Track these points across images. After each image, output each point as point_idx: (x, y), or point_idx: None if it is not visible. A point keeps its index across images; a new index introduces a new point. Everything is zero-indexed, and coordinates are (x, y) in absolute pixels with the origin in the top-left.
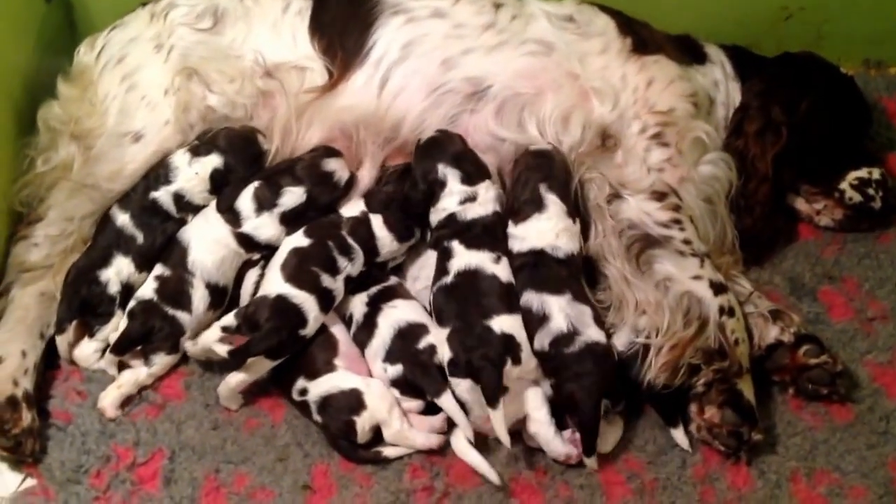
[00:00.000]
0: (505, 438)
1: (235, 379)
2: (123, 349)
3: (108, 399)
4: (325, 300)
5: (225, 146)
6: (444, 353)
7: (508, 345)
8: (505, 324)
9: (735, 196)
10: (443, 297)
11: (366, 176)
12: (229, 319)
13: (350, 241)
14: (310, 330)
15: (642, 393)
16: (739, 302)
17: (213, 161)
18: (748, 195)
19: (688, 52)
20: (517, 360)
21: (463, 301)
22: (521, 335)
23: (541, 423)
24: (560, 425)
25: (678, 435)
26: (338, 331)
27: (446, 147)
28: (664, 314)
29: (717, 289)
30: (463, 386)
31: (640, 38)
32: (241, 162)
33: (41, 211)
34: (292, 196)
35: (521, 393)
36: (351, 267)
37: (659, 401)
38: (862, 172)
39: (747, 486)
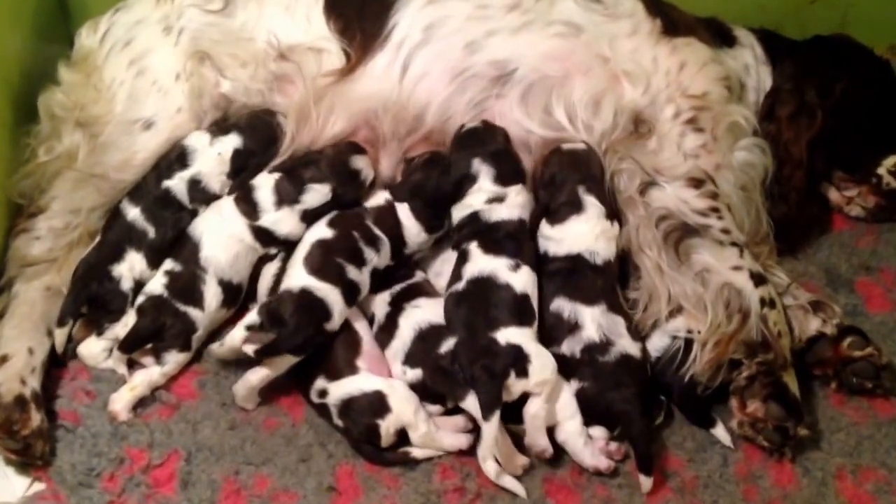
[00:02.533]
0: (490, 455)
1: (257, 376)
2: (132, 347)
3: (121, 402)
4: (351, 293)
5: (244, 126)
6: None
7: (515, 357)
8: (512, 336)
9: (769, 183)
10: (453, 304)
11: (388, 166)
12: (253, 317)
13: (376, 230)
14: (335, 324)
15: (674, 397)
16: (778, 293)
17: (234, 141)
18: (782, 182)
19: (718, 35)
20: (522, 373)
21: (472, 310)
22: (530, 348)
23: (569, 434)
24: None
25: (719, 432)
26: (361, 328)
27: (486, 141)
28: (707, 309)
29: (758, 280)
30: None
31: (670, 20)
32: (259, 143)
33: (43, 203)
34: (317, 194)
35: (554, 400)
36: (377, 258)
37: (689, 405)
38: None
39: (792, 484)
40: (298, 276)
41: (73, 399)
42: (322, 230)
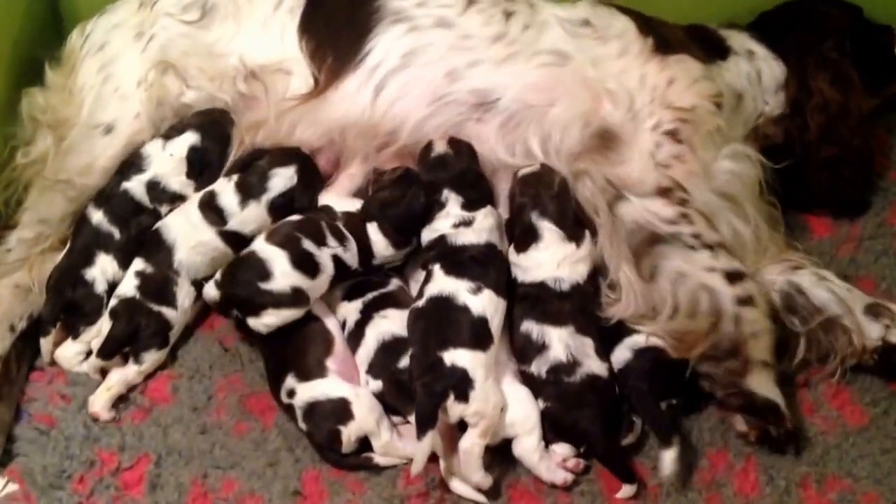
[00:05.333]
0: (417, 470)
1: None
2: (111, 352)
3: (100, 403)
4: (304, 263)
5: (199, 123)
6: None
7: (458, 380)
8: (459, 358)
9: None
10: (413, 319)
11: (356, 180)
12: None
13: (345, 231)
14: (276, 284)
15: (635, 411)
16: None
17: (189, 139)
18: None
19: (711, 47)
20: (462, 397)
21: (428, 327)
22: (477, 374)
23: (525, 449)
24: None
25: (666, 458)
26: (335, 328)
27: (454, 166)
28: (676, 312)
29: (733, 277)
30: None
31: (662, 38)
32: (214, 139)
33: (18, 217)
34: (282, 179)
35: (512, 413)
36: (342, 250)
37: (654, 418)
38: None
39: (755, 493)
40: (254, 244)
41: (48, 402)
42: (291, 217)
